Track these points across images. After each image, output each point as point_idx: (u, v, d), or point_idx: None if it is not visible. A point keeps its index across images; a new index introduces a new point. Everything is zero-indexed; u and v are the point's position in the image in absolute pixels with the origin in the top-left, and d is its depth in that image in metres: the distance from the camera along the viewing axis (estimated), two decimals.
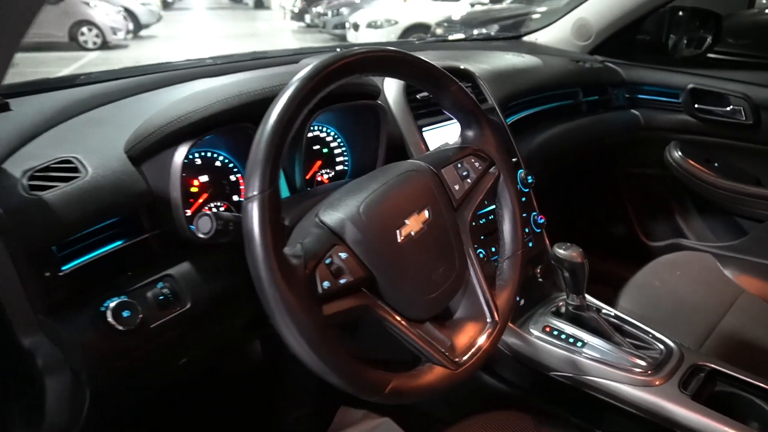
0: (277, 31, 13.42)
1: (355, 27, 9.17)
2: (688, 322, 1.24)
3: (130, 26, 10.26)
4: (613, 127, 1.70)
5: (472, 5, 9.09)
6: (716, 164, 1.64)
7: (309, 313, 0.56)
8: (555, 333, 1.05)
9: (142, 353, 0.71)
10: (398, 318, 0.65)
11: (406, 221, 0.68)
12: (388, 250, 0.65)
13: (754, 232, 1.61)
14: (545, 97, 1.52)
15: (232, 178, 0.89)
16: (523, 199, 1.20)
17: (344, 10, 10.72)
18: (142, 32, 11.06)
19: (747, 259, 1.58)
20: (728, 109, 1.56)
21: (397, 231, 0.66)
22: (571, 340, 1.03)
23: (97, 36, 9.13)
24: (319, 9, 11.72)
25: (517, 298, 1.12)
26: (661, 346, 1.01)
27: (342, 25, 10.18)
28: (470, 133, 0.80)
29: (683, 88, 1.62)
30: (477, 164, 0.79)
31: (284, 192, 0.95)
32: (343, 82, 0.64)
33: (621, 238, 1.88)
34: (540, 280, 1.19)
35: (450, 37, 1.86)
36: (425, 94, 1.12)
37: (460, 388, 0.68)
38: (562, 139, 1.53)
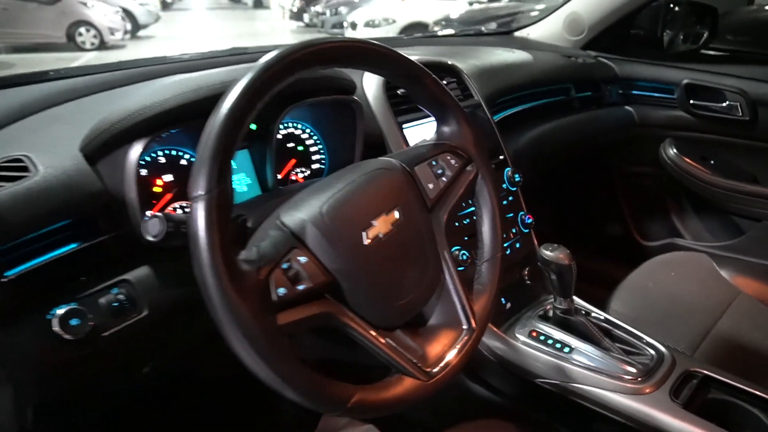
0: (276, 30, 13.39)
1: (353, 26, 9.14)
2: (682, 325, 1.20)
3: (128, 26, 10.23)
4: (606, 124, 1.66)
5: (471, 4, 9.05)
6: (712, 162, 1.60)
7: (260, 323, 0.51)
8: (542, 338, 1.00)
9: (95, 363, 0.67)
10: (365, 326, 0.61)
11: (374, 222, 0.63)
12: (353, 254, 0.61)
13: (752, 231, 1.57)
14: (536, 94, 1.48)
15: None
16: (511, 198, 1.16)
17: (342, 9, 10.69)
18: (140, 32, 11.03)
19: (744, 260, 1.54)
20: (724, 104, 1.52)
21: (363, 233, 0.62)
22: (558, 345, 0.98)
23: (94, 36, 9.10)
24: (318, 8, 11.69)
25: (504, 301, 1.09)
26: (652, 352, 0.97)
27: (340, 25, 10.16)
28: (446, 129, 0.76)
29: (678, 84, 1.58)
30: (453, 162, 0.74)
31: (256, 192, 0.91)
32: (302, 74, 0.59)
33: (615, 238, 1.84)
34: (528, 282, 1.15)
35: (440, 33, 1.81)
36: (404, 90, 1.08)
37: (445, 395, 0.64)
38: (554, 136, 1.49)
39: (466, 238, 1.05)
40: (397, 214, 0.66)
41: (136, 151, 0.69)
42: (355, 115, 0.93)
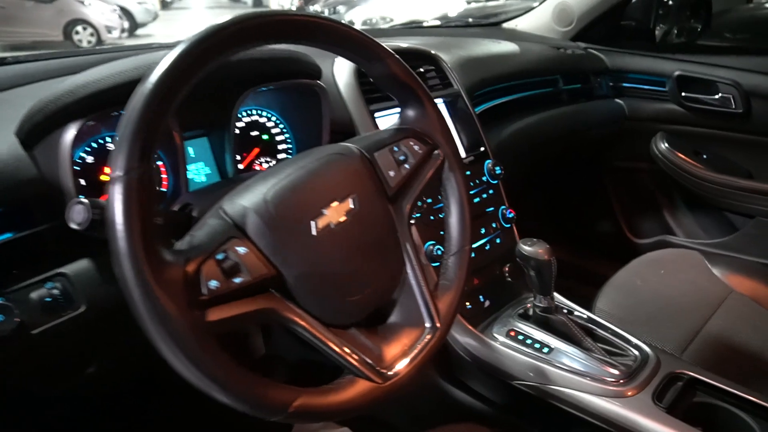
0: None
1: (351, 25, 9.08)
2: (670, 325, 1.15)
3: (126, 25, 10.15)
4: (596, 117, 1.61)
5: (468, 2, 8.99)
6: (705, 156, 1.56)
7: (187, 319, 0.46)
8: (520, 338, 0.95)
9: (24, 364, 0.61)
10: (313, 323, 0.56)
11: (324, 211, 0.58)
12: (299, 244, 0.56)
13: (745, 228, 1.52)
14: (522, 85, 1.43)
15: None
16: (491, 191, 1.11)
17: (341, 8, 10.63)
18: (139, 31, 10.96)
19: (737, 257, 1.49)
20: (717, 97, 1.47)
21: (312, 222, 0.57)
22: (537, 345, 0.93)
23: (91, 35, 9.04)
24: (317, 7, 11.63)
25: (482, 299, 1.04)
26: (636, 353, 0.92)
27: None
28: (410, 113, 0.71)
29: (670, 76, 1.53)
30: (417, 148, 0.69)
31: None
32: (246, 49, 0.55)
33: (605, 235, 1.79)
34: (509, 279, 1.10)
35: (425, 24, 1.77)
36: None
37: (422, 398, 0.59)
38: (541, 129, 1.44)
39: (442, 233, 1.00)
40: (351, 203, 0.61)
41: (70, 133, 0.64)
42: (320, 101, 0.87)
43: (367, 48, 0.64)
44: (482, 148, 1.13)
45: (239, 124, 0.90)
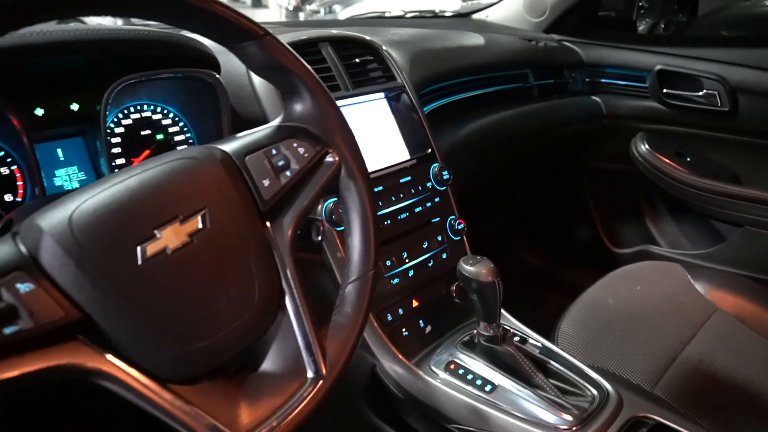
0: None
1: None
2: (642, 352, 1.01)
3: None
4: (570, 115, 1.48)
5: (464, 0, 8.86)
6: (689, 159, 1.42)
7: None
8: (461, 372, 0.82)
9: None
10: (139, 378, 0.42)
11: (158, 233, 0.44)
12: (117, 277, 0.42)
13: (732, 238, 1.38)
14: (485, 80, 1.29)
15: (4, 170, 0.67)
16: (437, 199, 0.97)
17: (337, 8, 10.46)
18: None
19: (723, 270, 1.35)
20: (701, 93, 1.34)
21: (139, 248, 0.43)
22: (479, 382, 0.79)
23: None
24: (313, 6, 11.50)
25: (422, 324, 0.90)
26: (595, 392, 0.78)
27: None
28: (296, 107, 0.57)
29: (650, 70, 1.39)
30: (302, 151, 0.55)
31: None
32: (36, 21, 0.41)
33: (583, 244, 1.65)
34: (457, 301, 0.96)
35: (386, 15, 1.63)
36: None
37: None
38: (507, 127, 1.31)
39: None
40: (200, 222, 0.47)
41: None
42: (216, 94, 0.74)
43: (231, 24, 0.51)
44: (429, 150, 0.99)
45: (126, 122, 0.76)
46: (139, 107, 0.77)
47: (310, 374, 0.52)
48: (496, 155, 1.31)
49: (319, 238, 0.71)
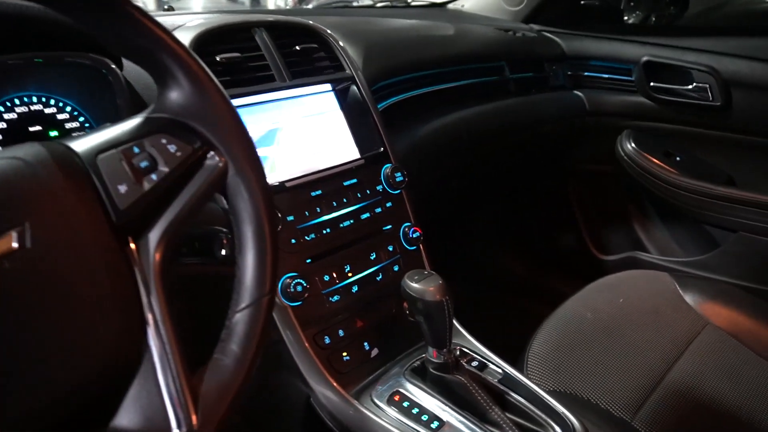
0: None
1: None
2: (622, 376, 0.90)
3: None
4: (550, 112, 1.38)
5: None
6: (678, 158, 1.33)
7: None
8: (405, 405, 0.71)
9: None
10: None
11: None
12: None
13: (726, 245, 1.28)
14: (453, 73, 1.18)
15: None
16: (389, 204, 0.86)
17: None
18: None
19: (716, 280, 1.24)
20: (691, 87, 1.24)
21: None
22: (424, 417, 0.68)
23: None
24: (309, 7, 11.44)
25: (367, 347, 0.80)
26: (558, 430, 0.67)
27: None
28: (172, 95, 0.46)
29: (636, 62, 1.29)
30: (174, 149, 0.44)
31: None
32: None
33: (567, 252, 1.55)
34: (411, 320, 0.84)
35: (354, 4, 1.52)
36: (235, 54, 0.78)
37: None
38: (479, 124, 1.21)
39: (308, 261, 0.76)
40: (15, 241, 0.36)
41: None
42: (110, 84, 0.63)
43: None
44: (381, 149, 0.88)
45: (8, 116, 0.65)
46: (25, 99, 0.66)
47: (174, 428, 0.41)
48: (467, 156, 1.21)
49: (223, 252, 0.60)
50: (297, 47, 0.86)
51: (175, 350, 0.42)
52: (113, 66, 0.63)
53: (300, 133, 0.82)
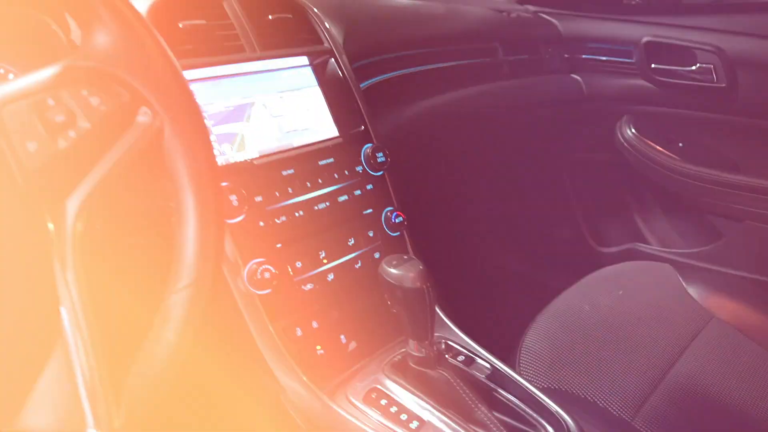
0: None
1: None
2: (621, 371, 0.85)
3: None
4: (546, 96, 1.34)
5: None
6: (681, 144, 1.28)
7: None
8: (383, 403, 0.64)
9: None
10: None
11: None
12: None
13: (731, 234, 1.22)
14: (443, 53, 1.13)
15: None
16: (369, 186, 0.80)
17: None
18: None
19: (721, 272, 1.19)
20: (694, 68, 1.18)
21: None
22: (403, 416, 0.62)
23: None
24: None
25: (344, 340, 0.73)
26: (551, 429, 0.61)
27: None
28: (98, 40, 0.40)
29: (637, 43, 1.23)
30: (97, 102, 0.38)
31: None
32: None
33: (564, 243, 1.51)
34: (394, 311, 0.78)
35: None
36: (199, 21, 0.72)
37: None
38: (467, 107, 1.16)
39: (278, 245, 0.69)
40: None
41: None
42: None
43: None
44: (362, 127, 0.82)
45: None
46: None
47: (90, 428, 0.35)
48: (457, 140, 1.15)
49: None
50: (270, 17, 0.79)
51: (95, 335, 0.35)
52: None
53: (273, 109, 0.76)
